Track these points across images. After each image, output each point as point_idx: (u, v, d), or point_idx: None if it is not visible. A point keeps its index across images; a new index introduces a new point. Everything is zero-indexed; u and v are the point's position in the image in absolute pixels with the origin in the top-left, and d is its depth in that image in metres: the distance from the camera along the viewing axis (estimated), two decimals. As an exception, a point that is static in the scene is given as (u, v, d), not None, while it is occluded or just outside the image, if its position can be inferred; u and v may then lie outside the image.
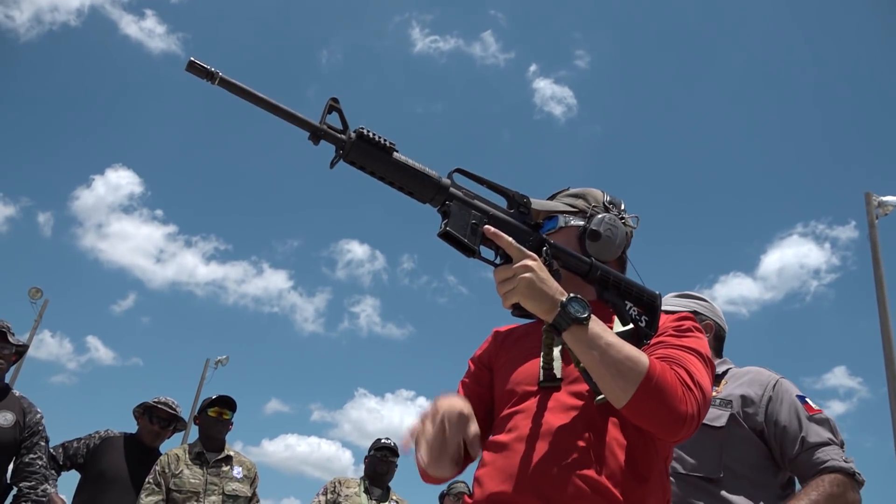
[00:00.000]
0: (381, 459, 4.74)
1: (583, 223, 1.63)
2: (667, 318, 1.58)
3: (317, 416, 34.74)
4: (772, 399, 2.16)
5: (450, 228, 1.37)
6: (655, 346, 1.47)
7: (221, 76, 1.26)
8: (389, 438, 4.82)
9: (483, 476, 1.47)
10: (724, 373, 2.33)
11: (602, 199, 1.70)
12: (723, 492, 2.08)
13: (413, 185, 1.38)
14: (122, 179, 33.35)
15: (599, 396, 1.38)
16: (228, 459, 4.23)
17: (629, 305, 1.53)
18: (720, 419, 2.15)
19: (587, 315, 1.32)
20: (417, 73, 42.16)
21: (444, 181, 1.40)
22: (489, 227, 1.38)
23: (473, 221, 1.40)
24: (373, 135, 1.33)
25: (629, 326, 1.50)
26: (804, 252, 31.86)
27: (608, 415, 1.43)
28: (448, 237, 1.37)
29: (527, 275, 1.32)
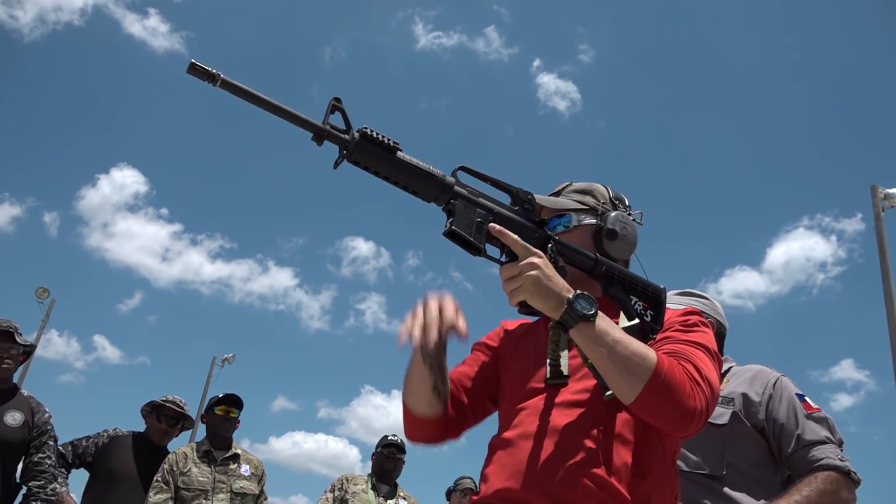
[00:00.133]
0: (389, 456, 4.75)
1: (595, 221, 1.63)
2: (673, 313, 1.57)
3: (324, 414, 34.84)
4: (772, 397, 2.17)
5: (455, 227, 1.36)
6: (662, 342, 1.47)
7: (223, 78, 1.25)
8: (396, 435, 4.84)
9: (490, 473, 1.47)
10: (727, 371, 2.34)
11: (608, 195, 1.70)
12: (725, 489, 2.09)
13: (417, 185, 1.37)
14: (127, 178, 33.44)
15: (608, 392, 1.38)
16: (236, 457, 4.25)
17: (634, 300, 1.53)
18: (723, 417, 2.17)
19: (594, 312, 1.32)
20: (421, 70, 42.16)
21: (449, 179, 1.39)
22: (494, 225, 1.37)
23: (478, 219, 1.39)
24: (376, 134, 1.32)
25: (635, 321, 1.49)
26: (810, 245, 31.78)
27: (615, 411, 1.43)
28: (453, 236, 1.36)
29: (533, 272, 1.31)
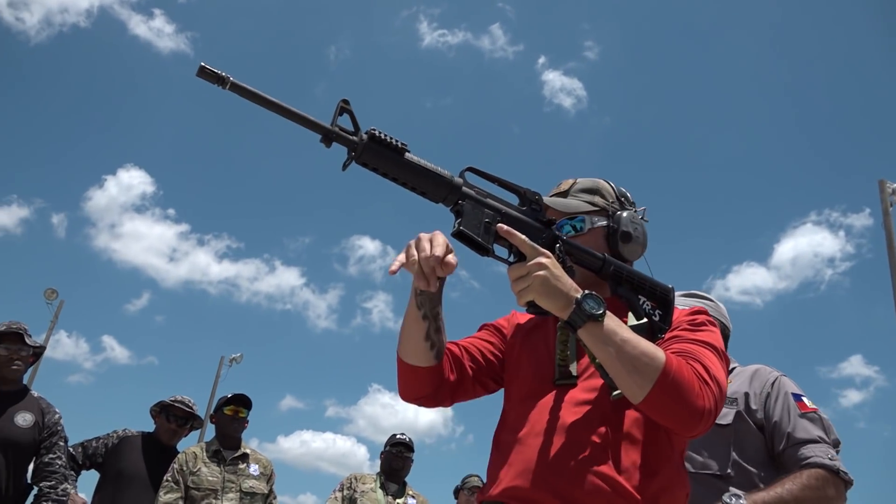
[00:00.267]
0: (397, 455, 4.76)
1: (606, 222, 1.63)
2: (680, 313, 1.57)
3: (331, 413, 34.89)
4: (769, 395, 2.20)
5: (463, 227, 1.36)
6: (670, 341, 1.47)
7: (233, 81, 1.25)
8: (405, 434, 4.85)
9: (497, 470, 1.48)
10: (730, 371, 2.35)
11: (614, 193, 1.69)
12: (731, 488, 2.09)
13: (426, 186, 1.38)
14: (134, 179, 33.60)
15: (616, 392, 1.38)
16: (245, 457, 4.27)
17: (643, 300, 1.53)
18: (727, 417, 2.18)
19: (602, 311, 1.32)
20: (426, 68, 42.14)
21: (457, 180, 1.39)
22: (502, 226, 1.38)
23: (486, 220, 1.39)
24: (384, 136, 1.32)
25: (643, 321, 1.49)
26: (818, 240, 31.64)
27: (623, 409, 1.43)
28: (462, 236, 1.37)
29: (541, 272, 1.31)
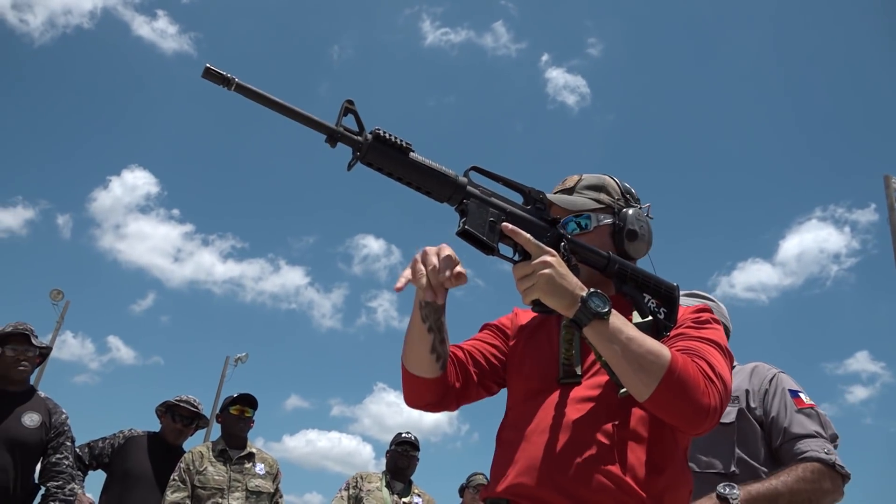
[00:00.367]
0: (403, 454, 4.77)
1: (612, 220, 1.62)
2: (685, 310, 1.57)
3: (337, 412, 34.86)
4: (767, 392, 2.22)
5: (468, 227, 1.36)
6: (675, 339, 1.47)
7: (238, 82, 1.25)
8: (410, 433, 4.85)
9: (501, 468, 1.48)
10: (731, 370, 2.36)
11: (619, 189, 1.69)
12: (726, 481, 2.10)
13: (430, 185, 1.38)
14: (139, 180, 33.60)
15: (623, 390, 1.38)
16: (251, 456, 4.28)
17: (647, 298, 1.52)
18: (729, 415, 2.20)
19: (608, 310, 1.32)
20: (429, 66, 42.13)
21: (461, 180, 1.39)
22: (507, 225, 1.37)
23: (491, 219, 1.39)
24: (389, 135, 1.32)
25: (648, 318, 1.49)
26: (823, 236, 31.61)
27: (629, 407, 1.43)
28: (467, 235, 1.37)
29: (546, 271, 1.31)
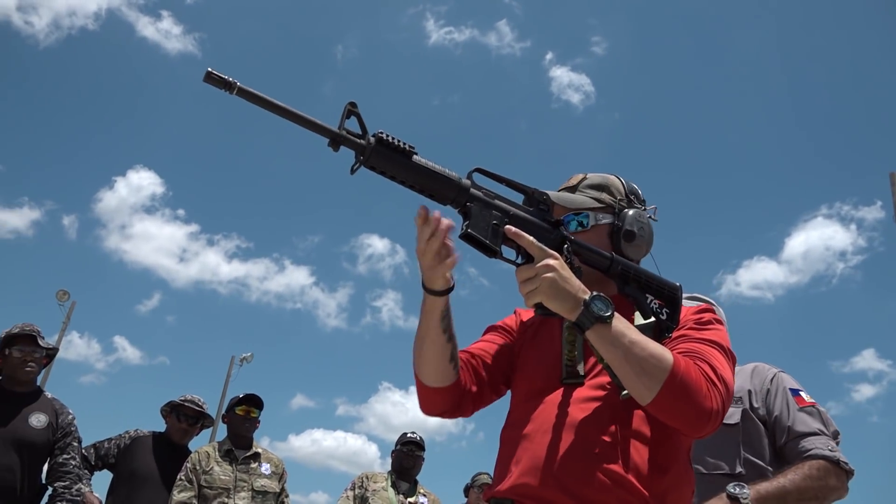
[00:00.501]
0: (408, 454, 4.77)
1: (612, 220, 1.62)
2: (687, 311, 1.57)
3: (342, 411, 34.91)
4: (769, 391, 2.23)
5: (471, 230, 1.36)
6: (677, 340, 1.47)
7: (240, 86, 1.24)
8: (415, 433, 4.85)
9: (505, 467, 1.48)
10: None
11: (623, 190, 1.68)
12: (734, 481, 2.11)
13: (434, 188, 1.37)
14: (144, 180, 33.58)
15: (625, 392, 1.38)
16: (257, 456, 4.30)
17: (650, 299, 1.52)
18: (734, 416, 2.21)
19: (610, 313, 1.32)
20: (433, 65, 42.09)
21: (465, 182, 1.39)
22: (510, 227, 1.37)
23: (494, 222, 1.39)
24: (392, 139, 1.31)
25: (650, 320, 1.49)
26: (830, 234, 31.48)
27: (632, 407, 1.43)
28: (469, 238, 1.36)
29: (549, 274, 1.31)
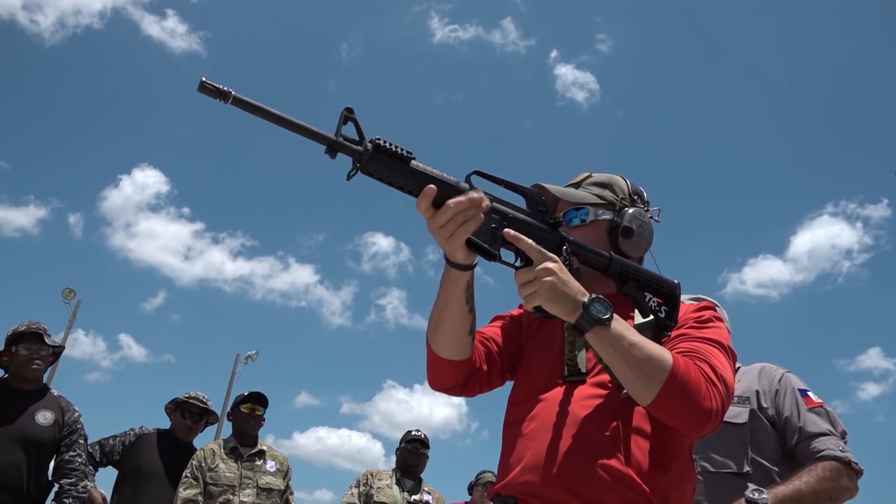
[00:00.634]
0: (413, 451, 4.78)
1: (612, 217, 1.63)
2: (687, 309, 1.57)
3: (346, 409, 34.94)
4: (778, 392, 2.25)
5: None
6: (677, 339, 1.47)
7: (235, 95, 1.21)
8: (420, 430, 4.86)
9: (508, 465, 1.49)
10: (736, 370, 2.38)
11: (627, 190, 1.69)
12: (750, 485, 2.12)
13: None
14: (149, 179, 33.60)
15: (625, 391, 1.39)
16: (262, 454, 4.32)
17: (649, 297, 1.53)
18: (741, 416, 2.22)
19: (609, 315, 1.32)
20: (437, 64, 42.03)
21: (463, 186, 1.37)
22: (509, 231, 1.37)
23: (493, 225, 1.39)
24: (390, 145, 1.30)
25: (649, 318, 1.50)
26: (835, 232, 31.37)
27: (633, 405, 1.43)
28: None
29: (548, 278, 1.31)
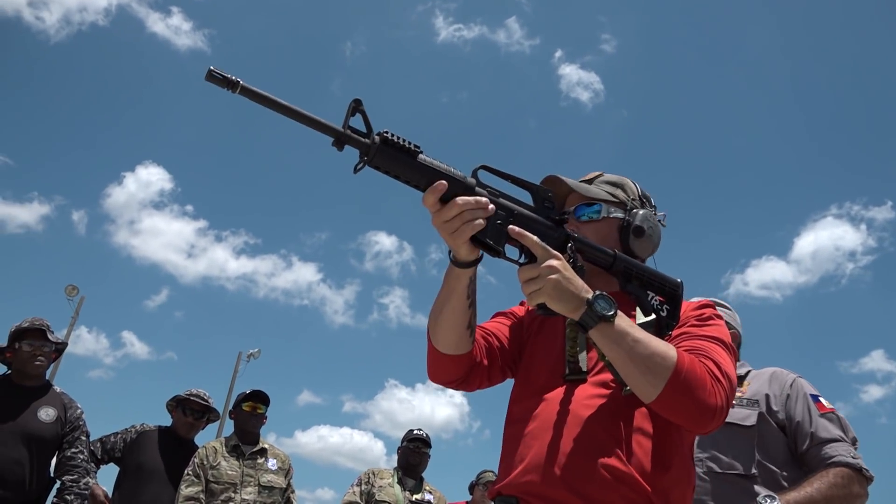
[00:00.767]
0: (415, 451, 4.78)
1: (623, 216, 1.63)
2: (687, 307, 1.58)
3: (348, 408, 34.93)
4: (789, 397, 2.25)
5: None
6: (679, 338, 1.48)
7: (243, 85, 1.20)
8: (422, 429, 4.87)
9: (509, 465, 1.49)
10: (746, 374, 2.42)
11: (637, 192, 1.70)
12: (756, 487, 2.14)
13: None
14: (153, 176, 33.59)
15: (627, 388, 1.39)
16: (263, 452, 4.33)
17: (651, 296, 1.53)
18: (750, 419, 2.23)
19: (613, 312, 1.32)
20: (442, 63, 42.06)
21: (469, 181, 1.37)
22: (514, 227, 1.37)
23: (498, 221, 1.38)
24: (397, 138, 1.29)
25: (651, 317, 1.50)
26: (839, 234, 31.35)
27: (634, 404, 1.43)
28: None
29: (553, 276, 1.31)
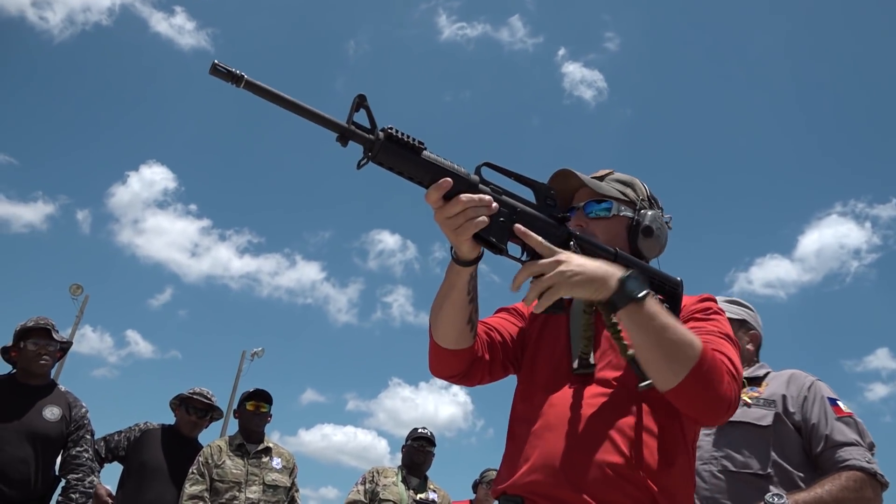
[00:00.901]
0: (419, 449, 4.78)
1: (632, 215, 1.63)
2: (689, 300, 1.57)
3: (352, 406, 34.99)
4: (806, 399, 2.25)
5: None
6: (692, 331, 1.45)
7: (247, 79, 1.19)
8: (426, 428, 4.87)
9: (514, 463, 1.48)
10: (765, 375, 2.43)
11: (646, 193, 1.69)
12: (771, 487, 2.14)
13: None
14: (156, 175, 33.70)
15: (643, 383, 1.36)
16: (268, 451, 4.33)
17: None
18: (766, 418, 2.24)
19: (646, 293, 1.30)
20: (445, 61, 42.06)
21: (473, 178, 1.36)
22: (518, 227, 1.36)
23: (501, 219, 1.37)
24: (401, 135, 1.28)
25: None
26: (844, 232, 31.26)
27: (639, 401, 1.43)
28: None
29: (562, 268, 1.30)
